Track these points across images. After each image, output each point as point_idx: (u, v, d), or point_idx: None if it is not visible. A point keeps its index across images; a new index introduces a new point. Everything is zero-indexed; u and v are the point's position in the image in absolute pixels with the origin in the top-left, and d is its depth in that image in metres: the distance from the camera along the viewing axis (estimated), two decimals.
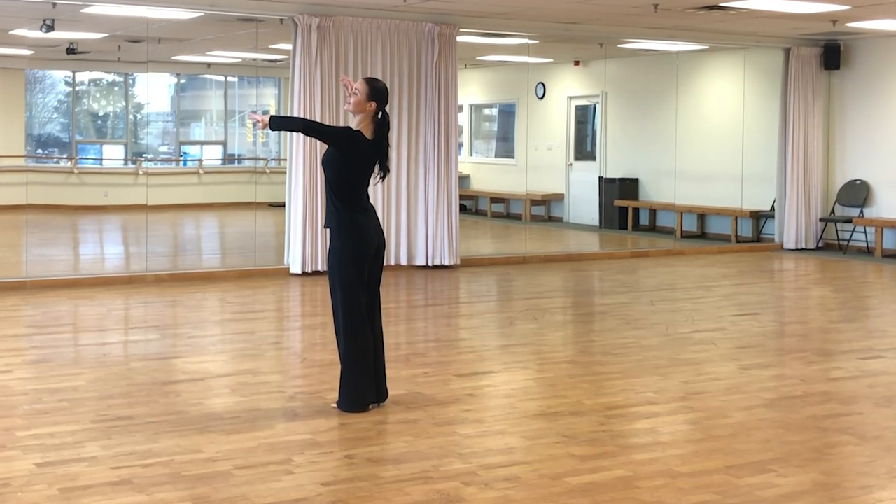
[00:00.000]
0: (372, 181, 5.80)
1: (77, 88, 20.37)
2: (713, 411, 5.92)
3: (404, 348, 7.66)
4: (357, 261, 5.70)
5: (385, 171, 5.81)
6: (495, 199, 19.38)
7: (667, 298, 10.34)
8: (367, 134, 5.72)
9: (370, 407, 5.80)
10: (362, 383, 5.75)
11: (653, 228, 17.07)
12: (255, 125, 5.76)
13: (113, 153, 20.82)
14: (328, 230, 5.85)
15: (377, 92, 5.73)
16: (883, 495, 4.58)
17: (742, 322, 8.93)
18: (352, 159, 5.68)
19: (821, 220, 14.71)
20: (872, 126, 14.37)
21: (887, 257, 13.78)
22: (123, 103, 20.56)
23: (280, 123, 5.93)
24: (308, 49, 11.29)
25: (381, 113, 5.75)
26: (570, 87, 18.37)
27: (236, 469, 4.76)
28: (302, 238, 11.34)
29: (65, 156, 20.12)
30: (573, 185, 18.15)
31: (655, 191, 16.98)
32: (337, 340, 5.84)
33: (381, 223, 11.48)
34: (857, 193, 14.48)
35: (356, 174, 5.70)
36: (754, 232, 15.57)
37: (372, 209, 5.82)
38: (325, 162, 5.76)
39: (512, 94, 19.30)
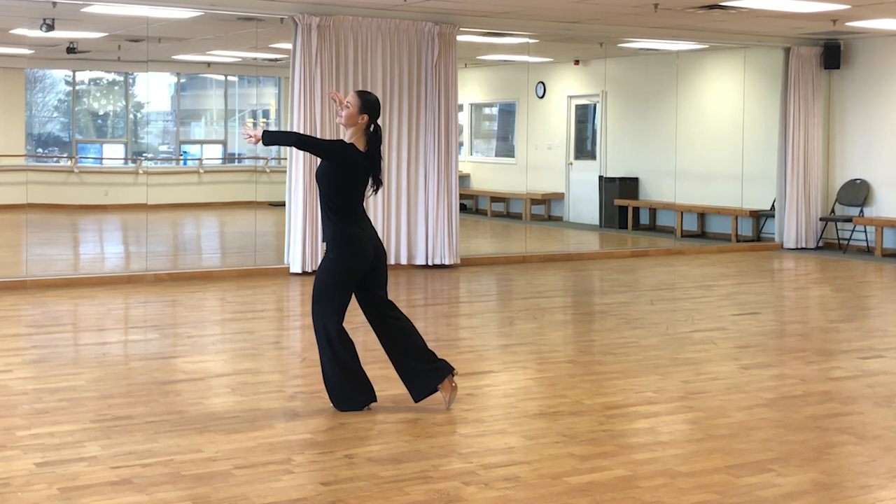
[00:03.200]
0: (365, 194, 5.79)
1: (77, 88, 20.37)
2: (713, 411, 5.92)
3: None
4: (345, 274, 5.70)
5: (378, 184, 5.81)
6: (495, 199, 19.38)
7: (667, 298, 10.34)
8: (360, 146, 5.72)
9: (366, 406, 5.81)
10: (346, 385, 5.76)
11: (653, 228, 17.07)
12: (248, 139, 5.76)
13: (113, 152, 20.82)
14: (325, 244, 5.84)
15: (369, 105, 5.72)
16: (883, 495, 4.58)
17: (742, 321, 8.93)
18: (345, 172, 5.67)
19: (821, 219, 14.72)
20: (872, 126, 14.37)
21: (887, 257, 13.79)
22: (123, 103, 20.56)
23: (273, 138, 5.91)
24: (308, 48, 11.29)
25: (372, 126, 5.75)
26: (570, 86, 18.37)
27: (236, 469, 4.76)
28: (302, 238, 11.35)
29: (65, 155, 20.11)
30: (573, 184, 18.15)
31: (655, 190, 16.98)
32: (318, 342, 5.84)
33: (382, 223, 11.70)
34: (857, 193, 14.48)
35: (350, 187, 5.70)
36: (754, 231, 15.58)
37: (367, 220, 5.82)
38: (319, 176, 5.76)
39: (512, 93, 19.30)
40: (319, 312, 5.74)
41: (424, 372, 5.82)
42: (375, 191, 5.84)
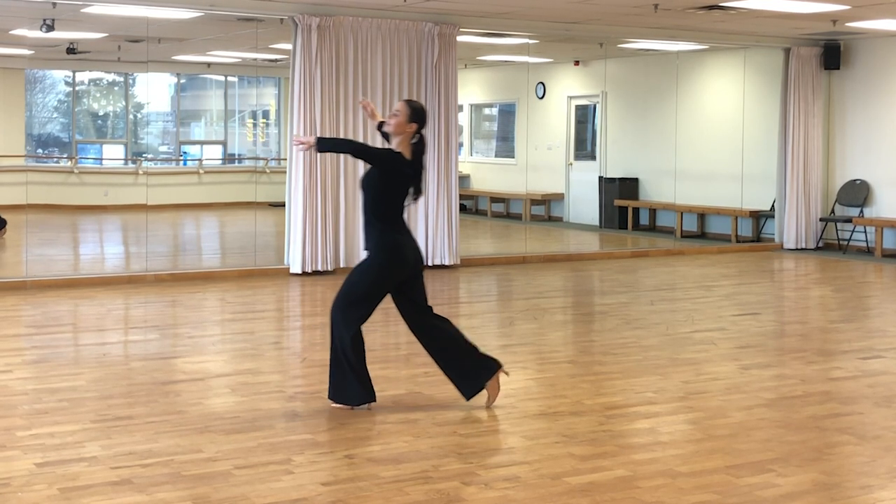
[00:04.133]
0: (405, 202, 5.82)
1: (77, 88, 20.37)
2: (713, 411, 5.93)
3: (404, 348, 7.66)
4: (381, 280, 5.71)
5: (418, 193, 5.83)
6: (495, 199, 19.38)
7: (667, 298, 10.34)
8: (406, 155, 5.74)
9: (362, 405, 5.80)
10: (347, 379, 5.74)
11: (653, 228, 17.07)
12: (299, 146, 5.74)
13: (113, 153, 20.82)
14: (367, 251, 5.82)
15: (418, 113, 5.76)
16: (883, 495, 4.58)
17: (742, 322, 8.93)
18: (392, 181, 5.70)
19: (821, 219, 14.71)
20: (872, 126, 14.37)
21: (887, 257, 13.78)
22: (123, 103, 20.56)
23: (328, 145, 5.89)
24: (308, 49, 11.29)
25: (417, 135, 5.76)
26: (570, 86, 18.37)
27: (236, 469, 4.76)
28: (302, 238, 11.35)
29: (65, 155, 20.12)
30: (573, 184, 18.15)
31: (655, 191, 16.98)
32: (332, 336, 5.82)
33: None
34: (857, 193, 14.48)
35: (395, 195, 5.72)
36: (754, 232, 15.58)
37: (408, 228, 5.85)
38: (366, 184, 5.76)
39: (512, 93, 19.30)
40: (343, 310, 5.72)
41: (473, 369, 5.87)
42: (415, 199, 5.85)
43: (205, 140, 22.05)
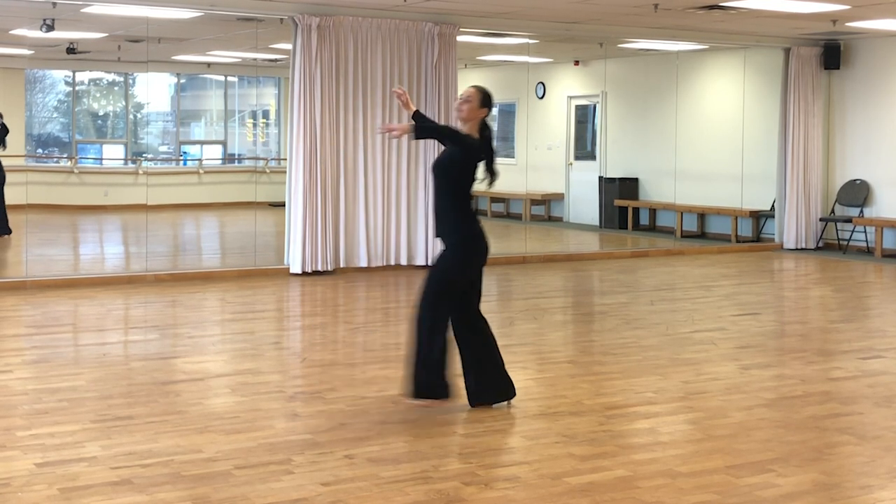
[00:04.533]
0: (483, 185, 5.82)
1: (77, 88, 20.37)
2: (713, 411, 5.92)
3: (404, 348, 7.65)
4: (467, 262, 5.78)
5: (495, 176, 5.83)
6: (495, 199, 19.36)
7: (667, 298, 10.34)
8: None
9: (443, 398, 5.76)
10: (437, 375, 5.73)
11: (653, 228, 17.07)
12: (389, 134, 5.75)
13: (113, 153, 20.81)
14: (440, 238, 5.82)
15: (488, 99, 5.79)
16: (883, 495, 4.58)
17: (742, 322, 8.93)
18: (472, 165, 5.72)
19: (821, 219, 14.71)
20: (872, 126, 14.37)
21: (887, 257, 13.78)
22: (123, 103, 20.56)
23: (425, 132, 5.86)
24: (308, 49, 11.29)
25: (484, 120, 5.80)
26: (570, 86, 18.37)
27: (236, 469, 4.76)
28: (302, 238, 11.35)
29: (65, 155, 20.11)
30: (573, 184, 18.15)
31: (655, 191, 16.98)
32: (419, 332, 5.74)
33: (382, 223, 11.73)
34: (857, 193, 14.48)
35: (470, 181, 5.75)
36: (754, 232, 15.57)
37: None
38: (444, 168, 5.74)
39: (512, 93, 19.28)
40: (433, 304, 5.71)
41: (490, 385, 5.89)
42: (491, 183, 5.85)
43: (205, 140, 22.05)
